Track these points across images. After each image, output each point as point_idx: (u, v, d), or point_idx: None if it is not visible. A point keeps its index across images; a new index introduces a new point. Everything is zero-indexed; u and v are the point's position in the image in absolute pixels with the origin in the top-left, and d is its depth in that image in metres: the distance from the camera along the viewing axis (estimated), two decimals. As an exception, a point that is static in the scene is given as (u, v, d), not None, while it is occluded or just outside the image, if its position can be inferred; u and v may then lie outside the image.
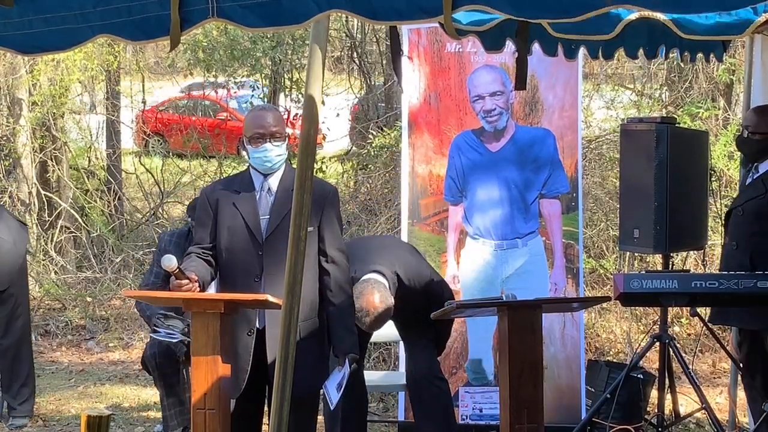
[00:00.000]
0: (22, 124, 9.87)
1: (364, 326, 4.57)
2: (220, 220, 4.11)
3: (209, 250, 4.12)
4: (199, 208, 4.24)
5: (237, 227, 4.08)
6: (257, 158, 4.09)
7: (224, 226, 4.10)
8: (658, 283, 4.61)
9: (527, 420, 4.13)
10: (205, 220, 4.16)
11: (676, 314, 7.50)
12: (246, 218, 4.07)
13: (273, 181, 4.13)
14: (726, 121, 9.05)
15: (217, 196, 4.15)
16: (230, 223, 4.09)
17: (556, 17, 3.47)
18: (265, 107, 4.37)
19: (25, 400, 6.05)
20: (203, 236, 4.15)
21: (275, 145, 4.08)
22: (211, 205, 4.14)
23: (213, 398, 3.83)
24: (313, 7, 2.94)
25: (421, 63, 5.84)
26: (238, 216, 4.08)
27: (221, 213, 4.11)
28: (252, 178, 4.16)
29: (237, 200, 4.11)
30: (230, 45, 9.56)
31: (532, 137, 5.76)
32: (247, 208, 4.09)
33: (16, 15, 3.24)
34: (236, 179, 4.30)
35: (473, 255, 5.76)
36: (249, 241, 4.07)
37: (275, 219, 4.07)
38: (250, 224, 4.07)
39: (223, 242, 4.10)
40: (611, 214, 7.98)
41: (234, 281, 4.10)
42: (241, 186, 4.16)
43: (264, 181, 4.13)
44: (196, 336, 3.87)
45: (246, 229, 4.07)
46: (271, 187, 4.12)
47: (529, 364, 4.16)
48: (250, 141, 4.09)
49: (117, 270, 9.54)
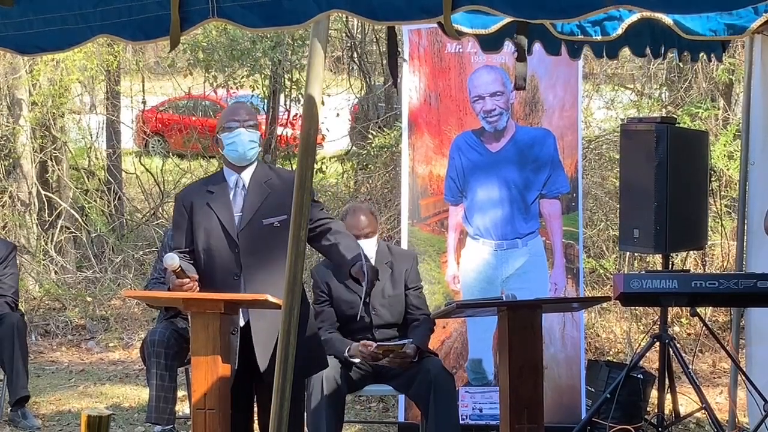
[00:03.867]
0: (22, 124, 9.87)
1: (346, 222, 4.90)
2: (196, 222, 4.11)
3: (188, 254, 4.11)
4: (175, 213, 4.24)
5: (212, 227, 4.09)
6: (231, 144, 4.08)
7: (200, 228, 4.10)
8: (658, 283, 4.61)
9: (527, 420, 4.14)
10: (181, 224, 4.16)
11: (676, 314, 7.50)
12: (220, 217, 4.08)
13: (245, 176, 4.13)
14: (726, 121, 9.05)
15: (191, 198, 4.16)
16: (206, 224, 4.10)
17: (555, 17, 3.47)
18: (239, 102, 4.45)
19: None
20: (180, 241, 4.15)
21: (249, 131, 4.09)
22: (186, 209, 4.14)
23: (213, 398, 3.84)
24: (313, 7, 2.94)
25: (422, 63, 5.84)
26: (212, 216, 4.09)
27: (196, 215, 4.11)
28: (225, 176, 4.16)
29: (211, 200, 4.11)
30: (230, 45, 9.56)
31: (532, 137, 5.76)
32: (221, 207, 4.09)
33: (16, 15, 3.23)
34: (210, 179, 4.31)
35: (473, 255, 5.76)
36: (224, 240, 4.07)
37: (247, 214, 4.07)
38: (224, 222, 4.07)
39: (201, 244, 4.09)
40: (611, 214, 7.98)
41: (214, 281, 4.09)
42: (215, 185, 4.16)
43: (237, 177, 4.13)
44: (196, 336, 3.87)
45: (221, 228, 4.07)
46: (244, 183, 4.12)
47: (529, 364, 4.16)
48: (223, 130, 4.11)
49: (117, 270, 9.54)
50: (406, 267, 5.13)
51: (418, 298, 5.13)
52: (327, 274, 5.07)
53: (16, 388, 6.09)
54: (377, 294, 5.02)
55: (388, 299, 5.07)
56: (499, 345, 4.80)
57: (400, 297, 5.09)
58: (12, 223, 9.77)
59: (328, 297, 5.06)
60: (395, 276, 5.09)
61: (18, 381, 6.09)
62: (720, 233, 7.91)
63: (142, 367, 6.50)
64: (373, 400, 6.48)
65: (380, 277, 4.92)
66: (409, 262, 5.16)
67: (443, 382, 4.86)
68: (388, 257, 5.11)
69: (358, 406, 6.49)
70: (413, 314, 5.10)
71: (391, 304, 5.08)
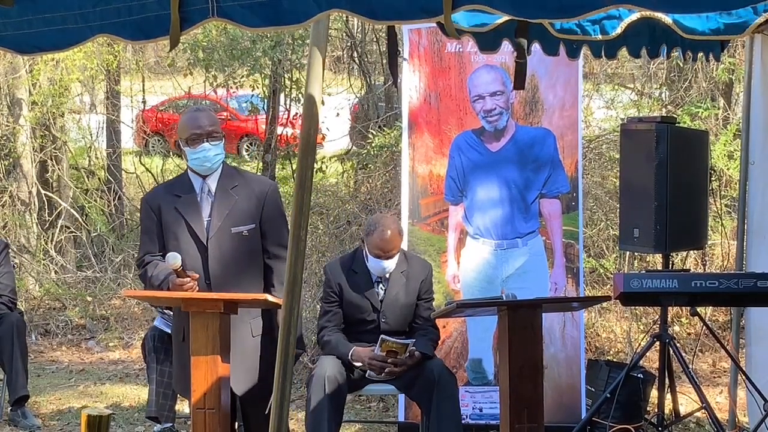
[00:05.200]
0: (22, 124, 9.87)
1: (371, 239, 4.88)
2: (165, 225, 4.13)
3: (161, 259, 4.11)
4: (144, 216, 4.24)
5: (181, 232, 4.10)
6: (196, 159, 4.09)
7: (170, 232, 4.12)
8: (658, 283, 4.61)
9: (527, 420, 4.14)
10: (150, 228, 4.17)
11: (676, 314, 7.50)
12: (189, 222, 4.10)
13: (211, 182, 4.14)
14: (726, 121, 9.05)
15: (159, 201, 4.17)
16: (174, 229, 4.11)
17: (555, 17, 3.47)
18: (199, 108, 4.44)
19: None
20: (152, 245, 4.16)
21: (213, 144, 4.09)
22: (155, 212, 4.15)
23: (213, 398, 3.84)
24: (313, 6, 2.93)
25: (422, 63, 5.84)
26: (181, 220, 4.10)
27: (165, 219, 4.13)
28: (191, 180, 4.16)
29: (179, 204, 4.12)
30: (230, 45, 9.55)
31: (533, 137, 5.76)
32: (190, 212, 4.10)
33: (15, 15, 3.23)
34: (176, 183, 4.31)
35: (473, 255, 5.76)
36: (194, 244, 4.09)
37: (216, 220, 4.09)
38: (194, 227, 4.09)
39: (171, 247, 4.09)
40: (611, 214, 7.98)
41: None
42: (182, 190, 4.16)
43: (203, 183, 4.13)
44: (195, 336, 3.87)
45: (190, 232, 4.09)
46: (210, 189, 4.13)
47: (528, 363, 4.16)
48: (188, 142, 4.10)
49: (117, 269, 9.54)
50: (422, 278, 5.11)
51: (427, 310, 5.11)
52: (340, 274, 5.04)
53: (16, 388, 6.09)
54: (390, 303, 5.02)
55: (400, 308, 5.06)
56: (499, 345, 4.80)
57: (412, 307, 5.09)
58: (12, 223, 9.77)
59: (338, 298, 5.03)
60: (410, 286, 5.07)
61: (18, 380, 6.09)
62: (720, 233, 7.91)
63: (142, 367, 6.51)
64: (373, 400, 6.48)
65: (395, 286, 4.95)
66: (424, 273, 5.14)
67: (445, 382, 4.86)
68: (404, 266, 5.08)
69: (358, 405, 6.49)
70: (419, 325, 5.10)
71: (402, 314, 5.08)
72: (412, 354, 4.91)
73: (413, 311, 5.10)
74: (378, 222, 4.99)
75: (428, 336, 5.07)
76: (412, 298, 5.07)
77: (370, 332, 4.97)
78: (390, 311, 5.02)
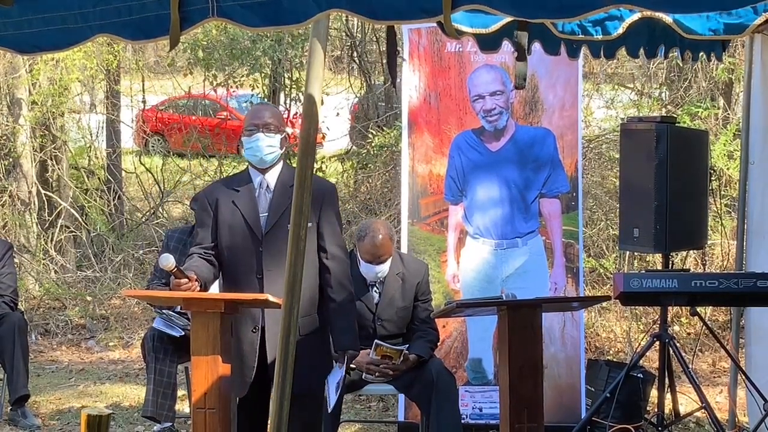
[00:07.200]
0: (22, 124, 9.87)
1: (362, 245, 4.88)
2: (220, 219, 4.12)
3: (211, 250, 4.12)
4: (199, 209, 4.25)
5: (237, 225, 4.09)
6: (249, 148, 4.10)
7: (225, 225, 4.11)
8: (657, 283, 4.62)
9: (527, 420, 4.13)
10: (205, 220, 4.16)
11: (676, 314, 7.50)
12: (245, 215, 4.08)
13: (270, 177, 4.13)
14: (726, 121, 9.05)
15: (216, 195, 4.16)
16: (230, 222, 4.10)
17: (556, 17, 3.47)
18: (264, 104, 4.46)
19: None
20: (204, 236, 4.15)
21: (267, 135, 4.08)
22: (211, 205, 4.15)
23: (213, 398, 3.83)
24: (313, 6, 2.93)
25: (421, 63, 5.84)
26: (237, 214, 4.09)
27: (221, 212, 4.12)
28: (250, 175, 4.17)
29: (236, 198, 4.12)
30: (230, 44, 9.56)
31: (532, 137, 5.76)
32: (246, 206, 4.10)
33: (15, 14, 3.23)
34: (235, 178, 4.32)
35: (473, 254, 5.76)
36: (249, 238, 4.08)
37: (273, 216, 4.08)
38: (249, 221, 4.08)
39: (224, 241, 4.10)
40: (611, 214, 7.98)
41: (236, 279, 4.10)
42: (240, 184, 4.17)
43: (262, 178, 4.13)
44: (196, 336, 3.87)
45: (246, 226, 4.08)
46: (269, 184, 4.13)
47: (528, 363, 4.16)
48: (245, 133, 4.12)
49: (117, 269, 9.54)
50: (418, 279, 5.11)
51: (425, 312, 5.11)
52: None
53: (16, 387, 6.09)
54: (386, 306, 5.02)
55: (396, 311, 5.06)
56: (499, 344, 4.80)
57: (409, 309, 5.09)
58: (12, 223, 9.76)
59: None
60: (406, 288, 5.07)
61: (18, 380, 6.09)
62: (720, 233, 7.92)
63: (142, 366, 6.50)
64: (373, 400, 6.48)
65: (391, 289, 4.95)
66: (421, 275, 5.14)
67: (444, 382, 4.86)
68: (400, 267, 5.08)
69: (358, 405, 6.49)
70: (418, 327, 5.09)
71: (399, 317, 5.08)
72: (406, 358, 4.92)
73: (410, 313, 5.09)
74: (368, 227, 5.01)
75: (426, 338, 5.06)
76: (409, 300, 5.07)
77: (366, 336, 4.96)
78: (386, 314, 5.03)
